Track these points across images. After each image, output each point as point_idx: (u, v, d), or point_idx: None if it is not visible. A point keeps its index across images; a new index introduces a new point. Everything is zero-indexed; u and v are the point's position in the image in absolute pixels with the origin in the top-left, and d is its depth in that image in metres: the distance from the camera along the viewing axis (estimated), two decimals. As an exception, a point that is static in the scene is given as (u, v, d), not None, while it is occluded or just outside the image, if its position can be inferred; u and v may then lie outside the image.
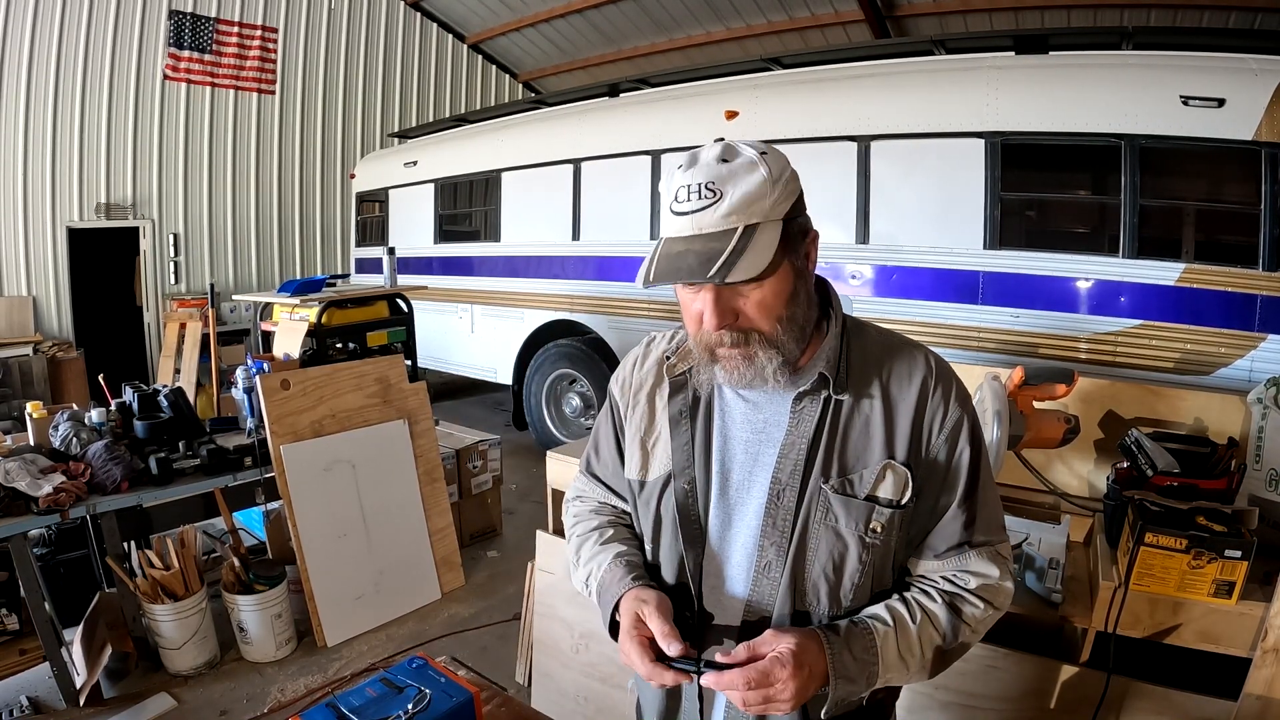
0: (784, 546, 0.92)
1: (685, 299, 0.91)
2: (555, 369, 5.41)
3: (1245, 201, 3.01)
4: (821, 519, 0.91)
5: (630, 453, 1.05)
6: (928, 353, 0.97)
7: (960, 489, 0.94)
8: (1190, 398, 1.90)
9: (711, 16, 8.28)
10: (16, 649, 2.47)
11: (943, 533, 0.95)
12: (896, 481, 0.91)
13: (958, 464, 0.94)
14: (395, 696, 1.07)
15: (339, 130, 8.67)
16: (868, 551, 0.92)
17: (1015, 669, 1.58)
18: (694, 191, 0.83)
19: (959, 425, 0.93)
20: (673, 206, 0.85)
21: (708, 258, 0.81)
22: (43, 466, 2.49)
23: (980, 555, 0.94)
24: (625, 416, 1.07)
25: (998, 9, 6.83)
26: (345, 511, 3.10)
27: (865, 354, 0.95)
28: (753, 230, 0.83)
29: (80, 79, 6.68)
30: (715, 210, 0.82)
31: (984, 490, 0.96)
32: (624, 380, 1.09)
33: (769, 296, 0.87)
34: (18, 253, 6.56)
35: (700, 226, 0.83)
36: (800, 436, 0.92)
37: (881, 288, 3.89)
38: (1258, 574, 1.41)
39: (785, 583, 0.92)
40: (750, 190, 0.83)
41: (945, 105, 3.61)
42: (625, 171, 4.83)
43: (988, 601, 0.94)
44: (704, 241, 0.83)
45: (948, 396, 0.94)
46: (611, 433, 1.11)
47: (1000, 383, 1.74)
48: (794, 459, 0.92)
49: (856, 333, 0.98)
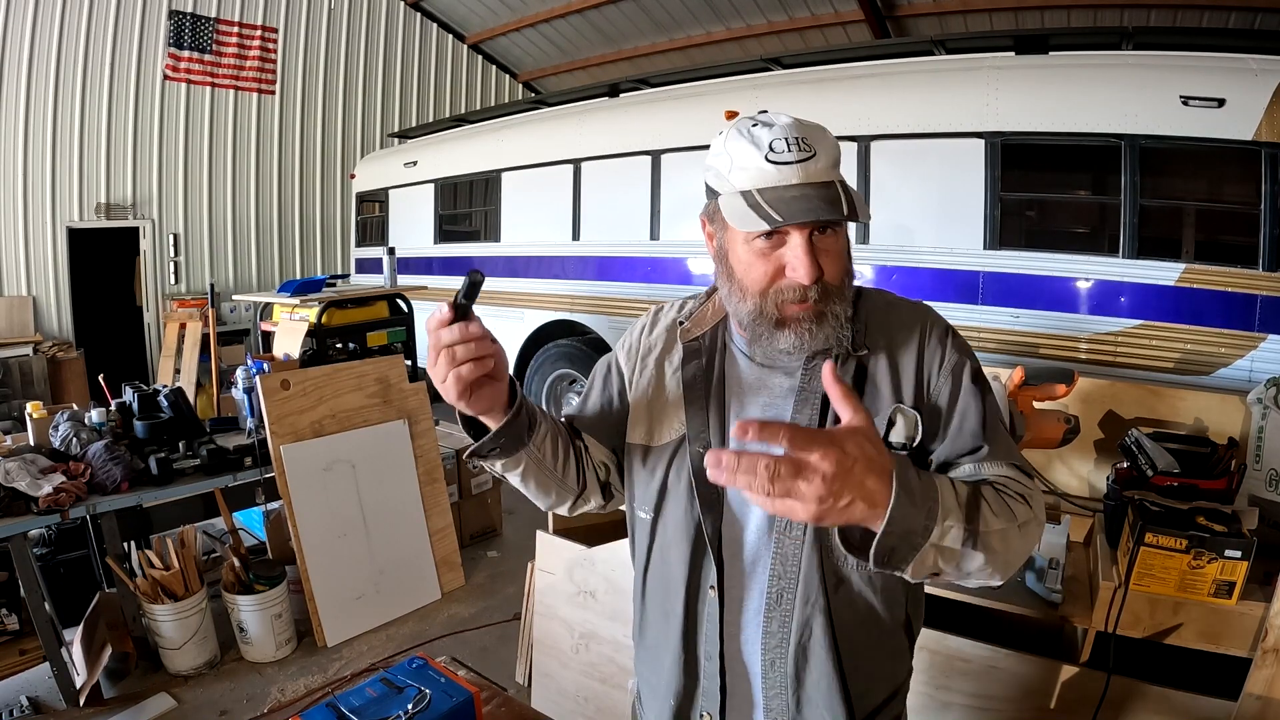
0: None
1: (755, 256, 0.88)
2: (555, 369, 5.41)
3: (1245, 202, 3.01)
4: None
5: (635, 419, 1.03)
6: (927, 307, 1.00)
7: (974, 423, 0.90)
8: (1190, 398, 1.90)
9: (711, 16, 8.28)
10: (16, 649, 2.46)
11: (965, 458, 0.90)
12: (907, 424, 0.91)
13: (965, 401, 0.91)
14: (395, 696, 1.07)
15: (339, 130, 8.67)
16: None
17: (1015, 669, 1.58)
18: (792, 143, 0.84)
19: (959, 365, 0.94)
20: (769, 156, 0.84)
21: (831, 200, 0.82)
22: (43, 466, 2.49)
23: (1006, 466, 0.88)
24: (630, 381, 1.05)
25: (998, 9, 6.83)
26: (345, 511, 3.10)
27: (870, 314, 0.97)
28: (846, 187, 0.85)
29: (80, 79, 6.68)
30: (817, 162, 0.84)
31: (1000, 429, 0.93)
32: (630, 346, 1.08)
33: (842, 250, 0.90)
34: (18, 253, 6.56)
35: (809, 175, 0.84)
36: (814, 392, 0.93)
37: (881, 288, 3.89)
38: (1258, 574, 1.41)
39: (810, 538, 0.90)
40: (833, 150, 0.86)
41: (945, 105, 3.61)
42: (625, 172, 4.83)
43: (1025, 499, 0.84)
44: (816, 189, 0.83)
45: (944, 340, 0.95)
46: (604, 393, 1.08)
47: (1000, 383, 1.74)
48: (809, 414, 0.92)
49: (864, 294, 1.00)
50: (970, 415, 0.91)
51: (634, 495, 1.04)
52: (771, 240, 0.87)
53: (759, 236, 0.87)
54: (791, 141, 0.84)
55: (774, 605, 0.92)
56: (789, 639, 0.92)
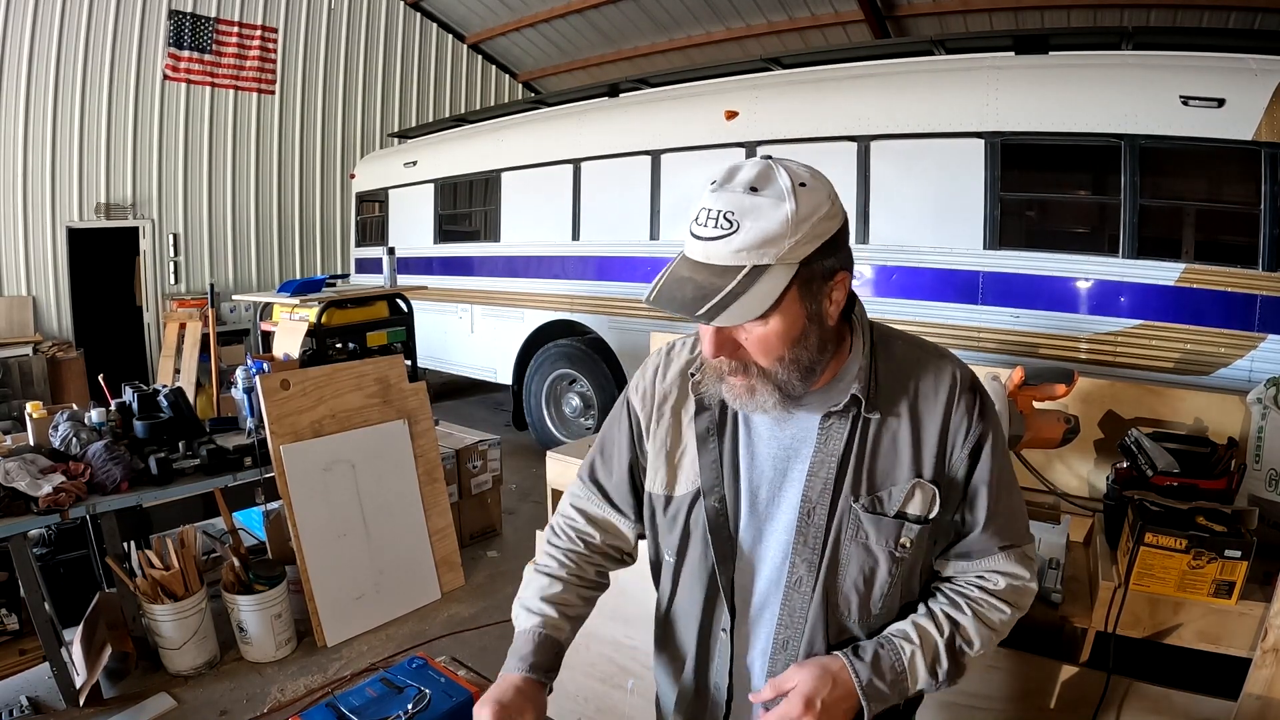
0: (815, 562, 0.93)
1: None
2: (555, 369, 5.41)
3: (1245, 201, 3.01)
4: (852, 536, 0.93)
5: (655, 467, 1.03)
6: (955, 365, 0.96)
7: (984, 501, 0.95)
8: (1190, 398, 1.89)
9: (711, 16, 8.28)
10: (16, 649, 2.46)
11: (972, 542, 0.97)
12: (924, 497, 0.92)
13: (980, 477, 0.95)
14: (395, 696, 1.07)
15: (339, 130, 8.67)
16: (897, 565, 0.94)
17: (1015, 669, 1.58)
18: (712, 217, 0.80)
19: (982, 439, 0.94)
20: (692, 228, 0.83)
21: (705, 293, 0.79)
22: (43, 466, 2.49)
23: (1009, 557, 0.96)
24: (648, 430, 1.05)
25: (998, 9, 6.83)
26: (345, 511, 3.10)
27: (893, 370, 0.95)
28: (759, 272, 0.79)
29: (80, 79, 6.68)
30: (728, 244, 0.79)
31: (1009, 498, 0.97)
32: (645, 392, 1.06)
33: (770, 336, 0.85)
34: (18, 253, 6.56)
35: (709, 256, 0.81)
36: (829, 455, 0.92)
37: (881, 288, 3.89)
38: (1258, 574, 1.41)
39: (818, 597, 0.94)
40: (768, 230, 0.78)
41: (945, 105, 3.61)
42: (625, 171, 4.84)
43: (1013, 604, 0.97)
44: (707, 274, 0.80)
45: (971, 410, 0.93)
46: (626, 444, 1.08)
47: (1000, 383, 1.74)
48: (824, 477, 0.92)
49: (884, 345, 0.96)
50: (980, 497, 0.95)
51: (658, 538, 1.06)
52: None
53: None
54: (713, 215, 0.80)
55: (779, 650, 0.97)
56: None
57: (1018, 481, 1.02)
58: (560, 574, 1.07)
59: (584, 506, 1.13)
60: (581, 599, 1.08)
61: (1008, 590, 0.96)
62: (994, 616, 0.96)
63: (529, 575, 1.11)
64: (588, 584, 1.10)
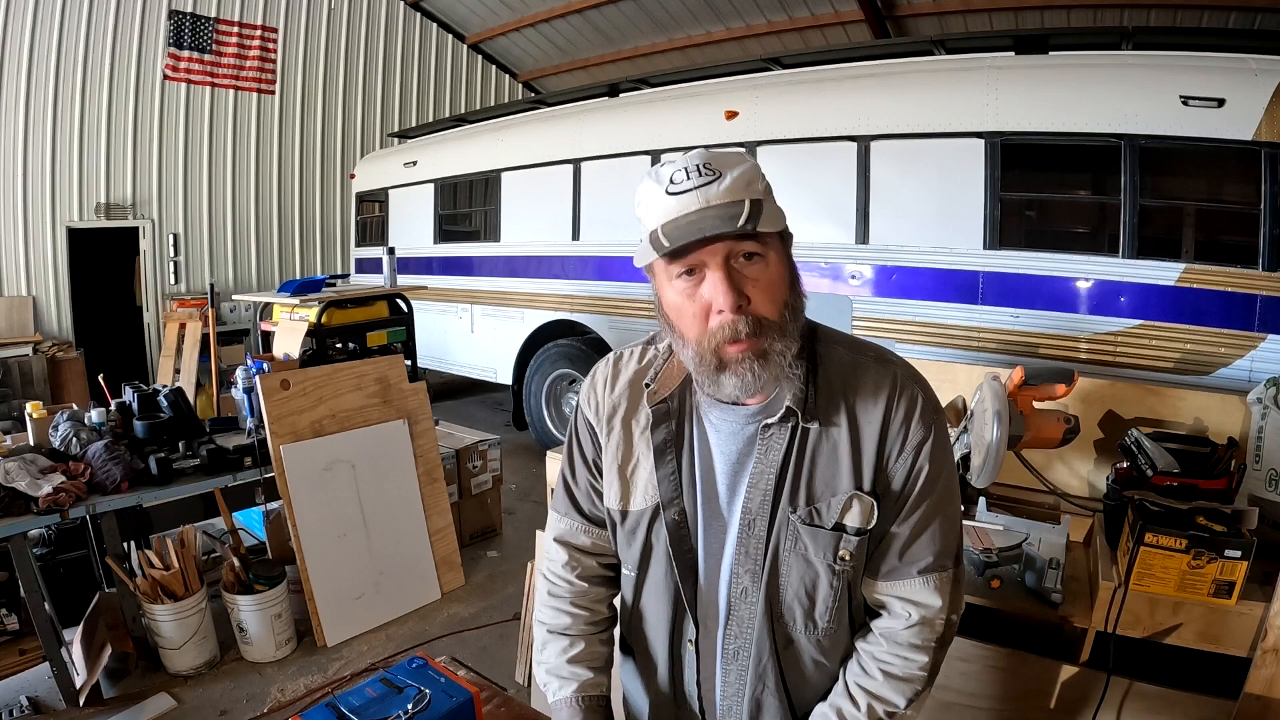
0: (758, 574, 0.93)
1: (682, 297, 0.85)
2: (555, 369, 5.41)
3: (1245, 201, 3.01)
4: (791, 547, 0.91)
5: (609, 481, 1.02)
6: (896, 369, 0.92)
7: (909, 508, 0.91)
8: (1190, 398, 1.89)
9: (711, 16, 8.28)
10: (16, 649, 2.46)
11: (890, 553, 0.93)
12: (862, 509, 0.90)
13: (912, 484, 0.91)
14: (395, 696, 1.07)
15: (339, 130, 8.67)
16: (838, 578, 0.92)
17: (1015, 669, 1.58)
18: (691, 171, 0.81)
19: (920, 445, 0.90)
20: (669, 188, 0.81)
21: (729, 216, 0.78)
22: (43, 466, 2.49)
23: (926, 582, 0.92)
24: (600, 444, 1.04)
25: (998, 9, 6.83)
26: (345, 511, 3.10)
27: (832, 377, 0.92)
28: (758, 203, 0.80)
29: (80, 79, 6.67)
30: (720, 184, 0.80)
31: (937, 511, 0.92)
32: (596, 404, 1.04)
33: (775, 277, 0.84)
34: (18, 253, 6.56)
35: (708, 199, 0.80)
36: (769, 465, 0.91)
37: (881, 288, 3.89)
38: (1257, 574, 1.41)
39: (761, 607, 0.93)
40: (747, 171, 0.82)
41: (945, 105, 3.61)
42: (625, 171, 4.83)
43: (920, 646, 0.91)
44: (716, 209, 0.79)
45: (910, 416, 0.90)
46: (588, 460, 1.06)
47: (1000, 383, 1.74)
48: (763, 489, 0.91)
49: (825, 348, 0.94)
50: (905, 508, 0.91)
51: (619, 552, 1.05)
52: (694, 277, 0.83)
53: (680, 276, 0.84)
54: (691, 170, 0.81)
55: (730, 660, 0.97)
56: (744, 690, 0.97)
57: (958, 499, 0.97)
58: (574, 630, 1.07)
59: (568, 539, 1.11)
60: (603, 643, 1.09)
61: (916, 629, 0.91)
62: (906, 670, 0.91)
63: (543, 636, 1.09)
64: (602, 624, 1.10)
